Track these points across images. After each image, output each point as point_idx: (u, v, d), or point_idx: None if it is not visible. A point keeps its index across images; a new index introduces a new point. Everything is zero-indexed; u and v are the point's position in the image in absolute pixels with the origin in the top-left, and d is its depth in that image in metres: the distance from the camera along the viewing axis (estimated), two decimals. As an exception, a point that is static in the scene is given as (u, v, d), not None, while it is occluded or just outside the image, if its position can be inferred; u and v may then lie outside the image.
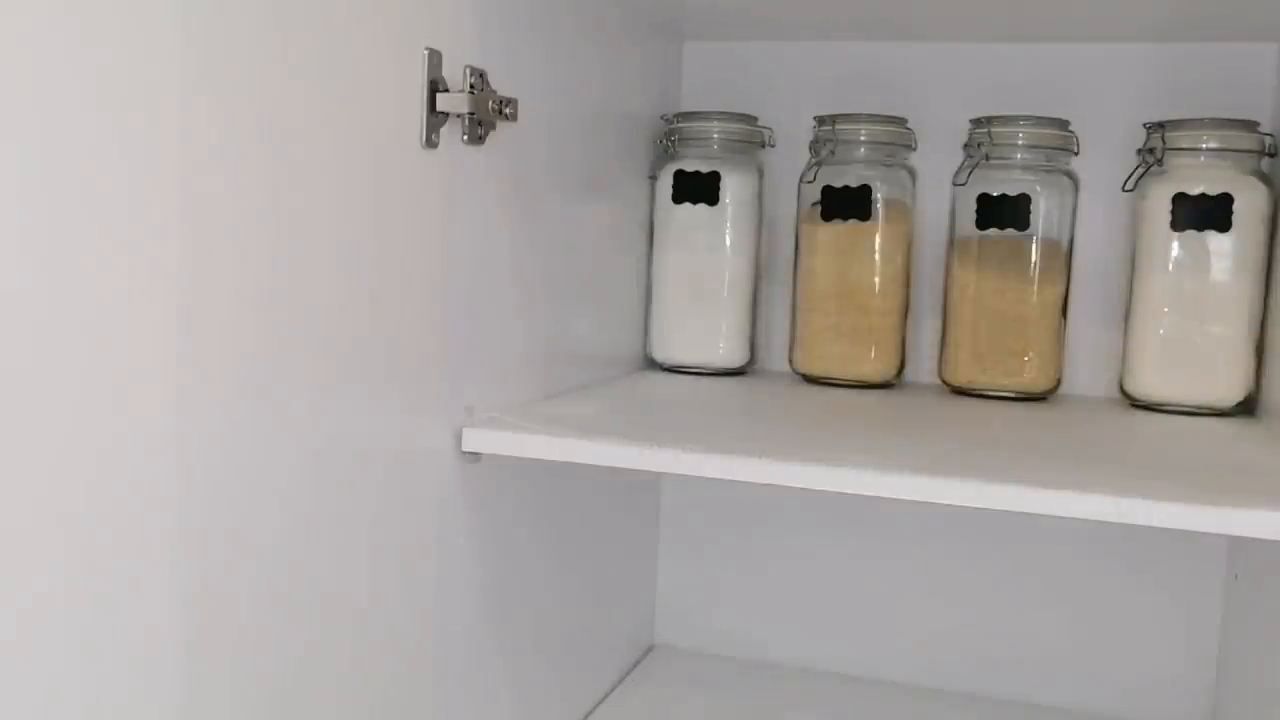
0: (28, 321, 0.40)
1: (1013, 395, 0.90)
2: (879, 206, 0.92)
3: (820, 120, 0.94)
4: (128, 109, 0.44)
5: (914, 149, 0.94)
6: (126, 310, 0.44)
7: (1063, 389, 0.92)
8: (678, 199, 0.95)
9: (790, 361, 0.97)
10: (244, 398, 0.51)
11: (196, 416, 0.48)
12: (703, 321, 0.97)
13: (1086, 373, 0.95)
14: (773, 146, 0.99)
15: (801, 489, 0.63)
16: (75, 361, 0.42)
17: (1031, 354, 0.89)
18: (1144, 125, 0.87)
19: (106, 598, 0.45)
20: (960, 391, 0.92)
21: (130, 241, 0.44)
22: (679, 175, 0.95)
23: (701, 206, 0.95)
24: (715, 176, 0.94)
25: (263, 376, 0.52)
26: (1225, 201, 0.83)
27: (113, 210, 0.43)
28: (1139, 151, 0.87)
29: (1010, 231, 0.89)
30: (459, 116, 0.65)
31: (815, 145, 0.95)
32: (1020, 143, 0.88)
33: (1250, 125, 0.85)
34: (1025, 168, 0.89)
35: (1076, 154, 0.89)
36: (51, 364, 0.41)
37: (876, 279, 0.93)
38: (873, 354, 0.93)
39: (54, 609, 0.43)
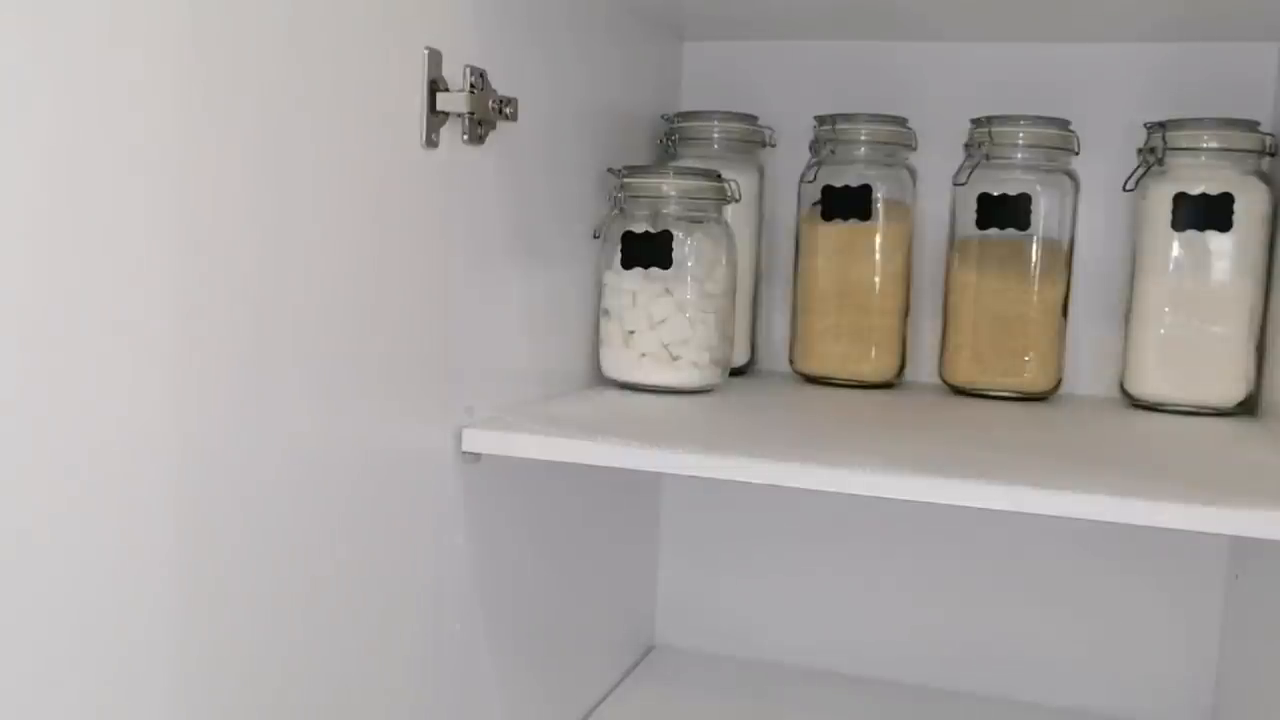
0: (25, 323, 0.40)
1: (1013, 395, 0.90)
2: (879, 206, 0.92)
3: (820, 120, 0.94)
4: (126, 109, 0.44)
5: (914, 149, 0.94)
6: (125, 312, 0.44)
7: (1063, 389, 0.92)
8: (678, 199, 0.95)
9: (790, 361, 0.97)
10: (243, 398, 0.51)
11: (195, 416, 0.48)
12: (702, 321, 0.97)
13: (1086, 373, 0.95)
14: (773, 146, 0.99)
15: (801, 489, 0.63)
16: (74, 363, 0.42)
17: (1032, 354, 0.89)
18: (1144, 125, 0.87)
19: (104, 598, 0.45)
20: (960, 391, 0.92)
21: (129, 242, 0.44)
22: (679, 175, 0.95)
23: (701, 206, 0.95)
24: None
25: (262, 377, 0.52)
26: (1226, 201, 0.83)
27: (111, 210, 0.43)
28: (1139, 151, 0.87)
29: (1010, 231, 0.89)
30: (459, 116, 0.65)
31: (815, 145, 0.95)
32: (1020, 142, 0.88)
33: (1251, 125, 0.84)
34: (1025, 167, 0.89)
35: (1077, 154, 0.89)
36: (49, 365, 0.41)
37: (876, 279, 0.93)
38: (873, 354, 0.93)
39: (52, 608, 0.43)
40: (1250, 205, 0.83)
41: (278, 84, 0.51)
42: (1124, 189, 0.87)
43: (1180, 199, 0.84)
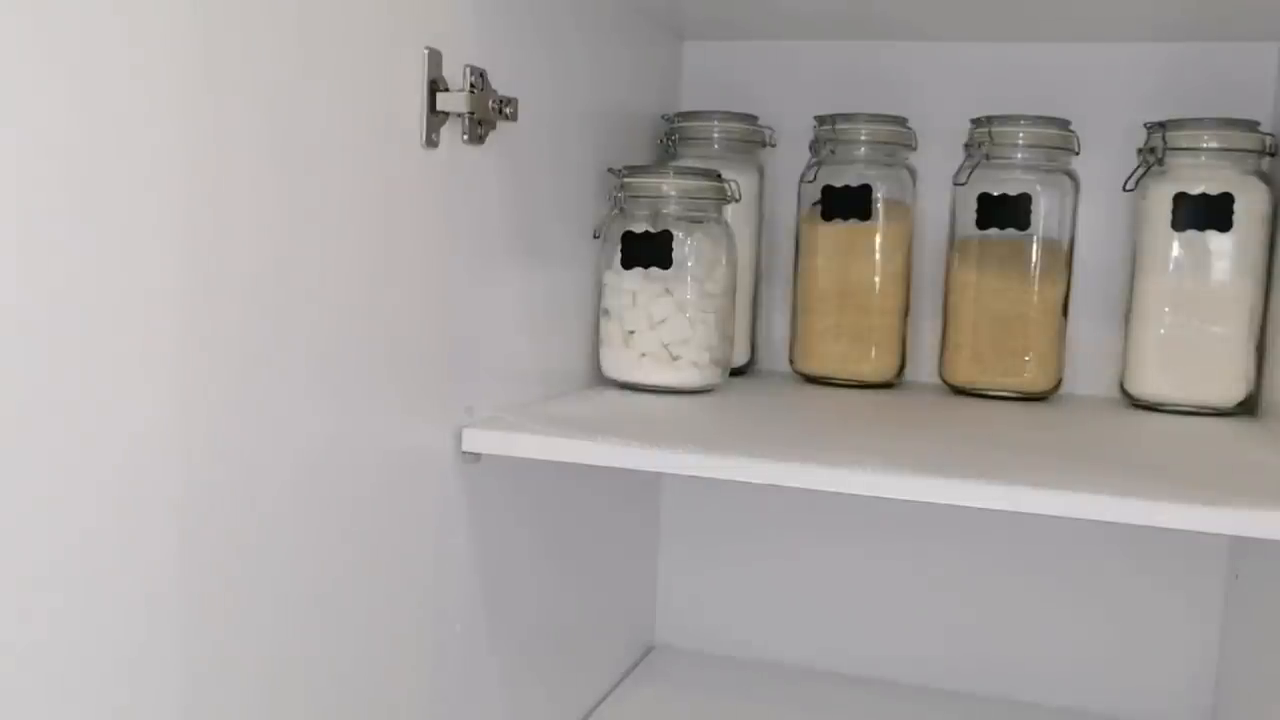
0: (29, 322, 0.40)
1: (1013, 395, 0.90)
2: (879, 206, 0.92)
3: (820, 120, 0.94)
4: (130, 109, 0.44)
5: (914, 149, 0.94)
6: (128, 310, 0.44)
7: (1063, 389, 0.92)
8: (678, 199, 0.95)
9: (790, 361, 0.97)
10: (245, 397, 0.51)
11: (197, 415, 0.48)
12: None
13: (1086, 373, 0.95)
14: (773, 146, 0.99)
15: (801, 489, 0.63)
16: (81, 365, 0.42)
17: (1031, 354, 0.89)
18: (1145, 125, 0.87)
19: (106, 597, 0.45)
20: (960, 391, 0.92)
21: (132, 242, 0.44)
22: (679, 175, 0.95)
23: (701, 206, 0.95)
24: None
25: (263, 376, 0.52)
26: (1226, 201, 0.83)
27: (114, 210, 0.43)
28: (1139, 151, 0.87)
29: (1010, 231, 0.89)
30: (459, 116, 0.65)
31: (815, 145, 0.95)
32: (1021, 142, 0.88)
33: (1251, 125, 0.84)
34: (1026, 167, 0.89)
35: (1077, 154, 0.89)
36: (52, 364, 0.41)
37: (876, 279, 0.93)
38: (873, 354, 0.93)
39: (55, 607, 0.43)
40: (1250, 205, 0.83)
41: (280, 84, 0.51)
42: (1124, 189, 0.87)
43: (1180, 199, 0.84)
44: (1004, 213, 0.88)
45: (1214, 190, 0.83)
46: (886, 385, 0.95)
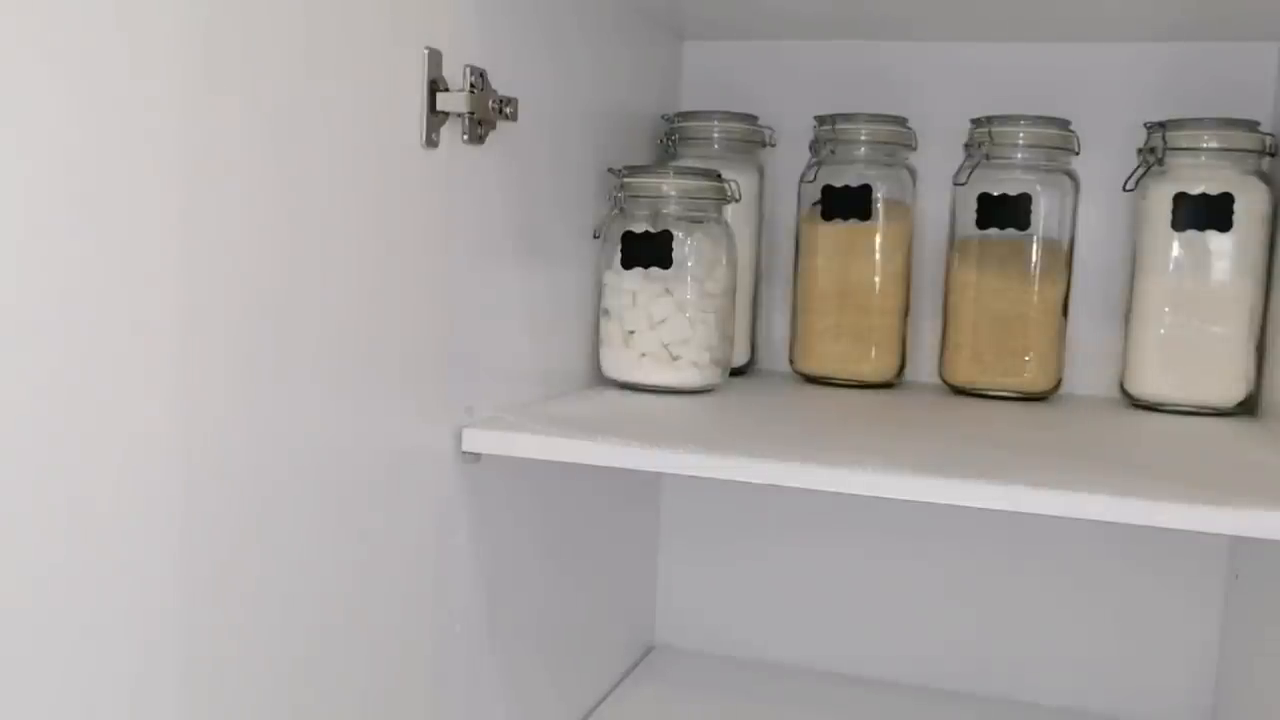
0: (29, 322, 0.40)
1: (1013, 395, 0.90)
2: (879, 206, 0.92)
3: (820, 120, 0.94)
4: (131, 110, 0.44)
5: (914, 149, 0.94)
6: (128, 310, 0.44)
7: (1063, 389, 0.92)
8: (678, 199, 0.95)
9: (790, 361, 0.97)
10: (244, 397, 0.51)
11: (199, 415, 0.48)
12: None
13: (1086, 373, 0.95)
14: (773, 146, 0.99)
15: (801, 489, 0.63)
16: (79, 361, 0.42)
17: (1031, 354, 0.89)
18: (1145, 125, 0.87)
19: (108, 597, 0.45)
20: (960, 391, 0.92)
21: (132, 242, 0.44)
22: (679, 175, 0.95)
23: (701, 206, 0.95)
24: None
25: (264, 377, 0.52)
26: (1226, 201, 0.83)
27: (116, 211, 0.43)
28: (1139, 151, 0.87)
29: (1010, 231, 0.89)
30: (459, 116, 0.65)
31: (815, 145, 0.95)
32: (1021, 142, 0.88)
33: (1251, 125, 0.84)
34: (1026, 167, 0.89)
35: (1077, 154, 0.89)
36: (52, 364, 0.41)
37: (876, 279, 0.93)
38: (873, 354, 0.93)
39: (58, 607, 0.43)
40: (1250, 205, 0.83)
41: (280, 84, 0.51)
42: (1124, 189, 0.87)
43: (1180, 199, 0.84)
44: (1004, 213, 0.88)
45: (1214, 190, 0.83)
46: (886, 385, 0.95)
